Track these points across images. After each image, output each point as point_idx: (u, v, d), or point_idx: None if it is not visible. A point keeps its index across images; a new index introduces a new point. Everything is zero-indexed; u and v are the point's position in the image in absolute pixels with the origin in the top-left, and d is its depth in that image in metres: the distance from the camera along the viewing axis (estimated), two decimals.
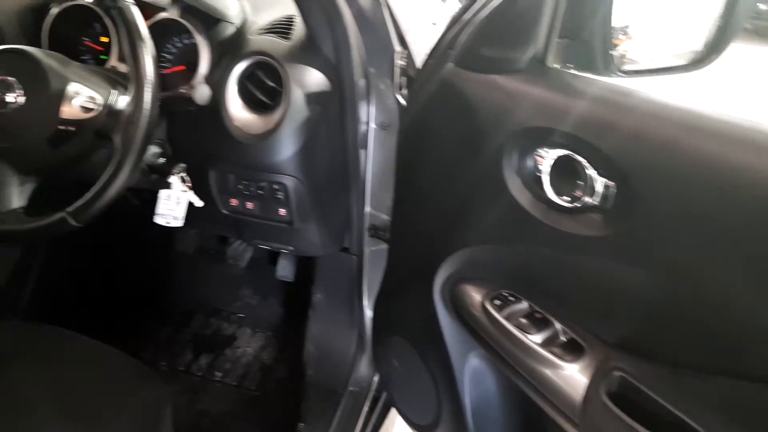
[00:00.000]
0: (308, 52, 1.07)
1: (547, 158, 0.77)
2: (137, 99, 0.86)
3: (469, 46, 0.87)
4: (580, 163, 0.74)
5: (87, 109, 0.87)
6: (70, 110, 0.86)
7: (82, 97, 0.87)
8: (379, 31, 1.07)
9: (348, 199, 1.27)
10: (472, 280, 0.94)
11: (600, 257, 0.73)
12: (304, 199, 1.14)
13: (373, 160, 1.21)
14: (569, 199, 0.76)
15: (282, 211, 1.17)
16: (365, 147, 1.19)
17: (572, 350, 0.81)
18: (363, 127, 1.17)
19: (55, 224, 0.87)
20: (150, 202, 1.17)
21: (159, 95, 0.88)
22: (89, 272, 1.72)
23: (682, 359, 0.67)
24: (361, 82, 1.11)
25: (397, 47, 1.12)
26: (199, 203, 1.12)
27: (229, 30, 1.12)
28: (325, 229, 1.25)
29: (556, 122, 0.75)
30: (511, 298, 0.90)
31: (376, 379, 1.46)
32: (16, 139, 0.87)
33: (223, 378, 1.63)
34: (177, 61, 1.15)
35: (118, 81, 0.99)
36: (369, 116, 1.16)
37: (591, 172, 0.73)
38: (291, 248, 1.31)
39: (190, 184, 1.10)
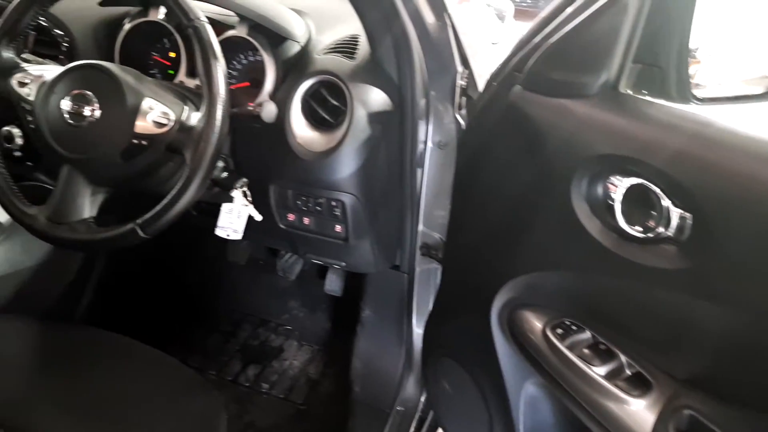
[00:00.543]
0: (372, 72, 1.08)
1: (620, 186, 0.75)
2: (209, 116, 0.87)
3: (538, 69, 0.86)
4: (654, 192, 0.72)
5: (160, 125, 0.89)
6: (144, 125, 0.89)
7: (155, 112, 0.89)
8: (442, 51, 1.07)
9: (402, 218, 1.27)
10: (532, 307, 0.92)
11: (673, 291, 0.71)
12: (361, 216, 1.14)
13: (428, 178, 1.21)
14: (642, 229, 0.74)
15: (338, 228, 1.17)
16: (421, 166, 1.19)
17: (638, 385, 0.79)
18: (420, 146, 1.17)
19: (124, 235, 0.89)
20: (207, 213, 1.19)
21: (229, 112, 0.89)
22: (144, 279, 1.76)
23: (757, 400, 0.64)
24: (421, 102, 1.11)
25: (459, 68, 1.12)
26: (258, 217, 1.13)
27: (294, 49, 1.14)
28: (379, 247, 1.25)
29: (630, 150, 0.74)
30: (574, 327, 0.88)
31: (423, 399, 1.44)
32: (91, 152, 0.90)
33: (270, 390, 1.64)
34: (242, 78, 1.17)
35: (187, 97, 1.01)
36: (427, 135, 1.16)
37: (666, 202, 0.71)
38: (343, 264, 1.31)
39: (250, 199, 1.12)
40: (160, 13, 1.15)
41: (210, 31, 0.89)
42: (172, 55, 1.23)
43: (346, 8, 1.25)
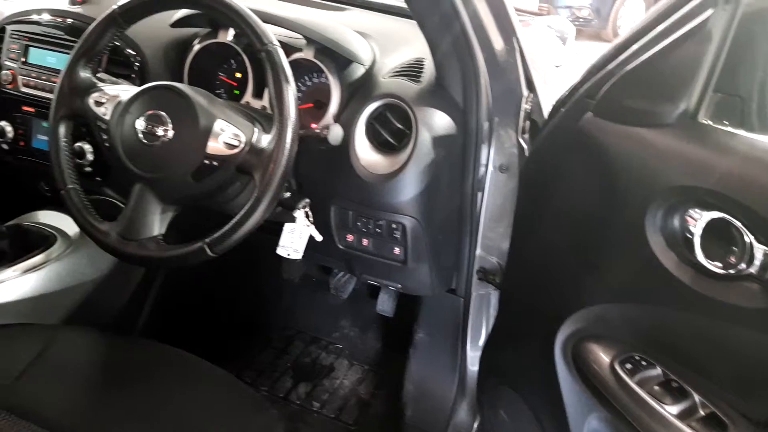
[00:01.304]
0: (437, 95, 1.07)
1: (699, 220, 0.73)
2: (279, 138, 0.89)
3: (612, 96, 0.85)
4: (736, 227, 0.69)
5: (231, 146, 0.91)
6: (215, 146, 0.91)
7: (227, 134, 0.91)
8: (509, 75, 1.07)
9: (460, 241, 1.26)
10: (599, 339, 0.90)
11: (754, 330, 0.68)
12: (421, 240, 1.14)
13: (488, 202, 1.19)
14: (722, 264, 0.71)
15: (397, 250, 1.17)
16: (482, 189, 1.18)
17: (713, 426, 0.75)
18: (481, 170, 1.16)
19: (193, 253, 0.90)
20: (267, 231, 1.20)
21: (298, 135, 0.91)
22: (200, 293, 1.79)
23: None
24: (485, 125, 1.11)
25: (525, 91, 1.11)
26: (319, 238, 1.14)
27: (359, 71, 1.15)
28: (436, 270, 1.24)
29: (711, 182, 0.71)
30: (644, 363, 0.85)
31: (476, 426, 1.42)
32: (163, 171, 0.92)
33: (321, 409, 1.64)
34: (306, 99, 1.19)
35: (255, 118, 1.03)
36: (488, 158, 1.15)
37: (749, 238, 0.68)
38: (399, 286, 1.30)
39: (312, 219, 1.13)
40: (229, 34, 1.18)
41: (282, 55, 0.91)
42: (238, 75, 1.26)
43: (410, 31, 1.26)
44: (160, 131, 0.92)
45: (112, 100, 0.97)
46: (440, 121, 1.06)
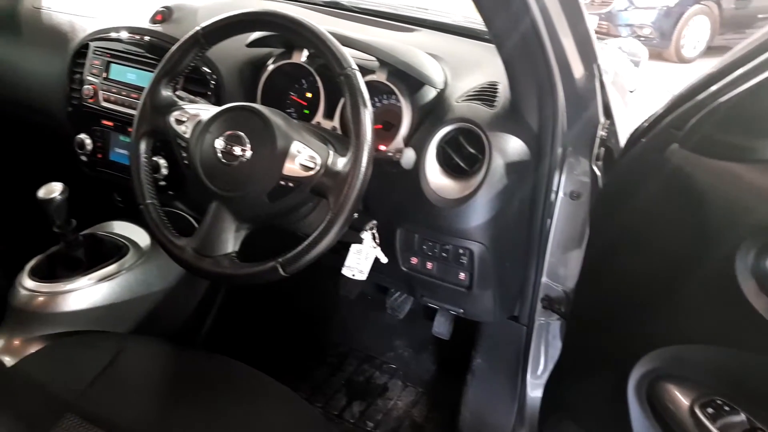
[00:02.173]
0: (511, 120, 1.06)
1: None
2: (355, 161, 0.89)
3: (702, 129, 0.81)
4: None
5: (307, 168, 0.91)
6: (292, 168, 0.91)
7: (303, 156, 0.92)
8: (587, 101, 1.04)
9: (526, 268, 1.24)
10: (678, 379, 0.86)
11: None
12: (488, 266, 1.12)
13: (556, 229, 1.17)
14: None
15: (462, 275, 1.15)
16: (551, 216, 1.16)
17: None
18: (552, 196, 1.13)
19: (266, 272, 0.91)
20: (332, 250, 1.20)
21: (373, 158, 0.91)
22: (259, 306, 1.81)
23: None
24: (558, 151, 1.08)
25: (602, 118, 1.08)
26: (384, 260, 1.14)
27: (431, 94, 1.14)
28: (500, 297, 1.21)
29: None
30: (727, 408, 0.81)
31: None
32: (240, 190, 0.94)
33: (375, 429, 1.63)
34: (375, 120, 1.19)
35: (328, 140, 1.04)
36: (559, 185, 1.12)
37: None
38: (461, 311, 1.28)
39: (378, 241, 1.12)
40: (303, 55, 1.20)
41: (361, 79, 0.91)
42: (309, 95, 1.27)
43: (482, 54, 1.26)
44: (238, 151, 0.93)
45: (193, 119, 1.00)
46: (514, 147, 1.05)
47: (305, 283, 1.87)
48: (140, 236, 1.41)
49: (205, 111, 1.00)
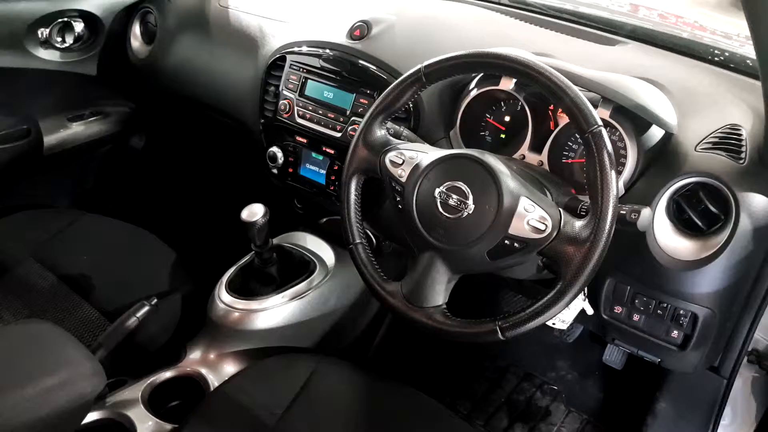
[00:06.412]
0: (763, 177, 0.93)
1: None
2: (598, 230, 0.80)
3: None
4: None
5: (537, 230, 0.84)
6: (520, 227, 0.85)
7: (533, 216, 0.85)
8: None
9: (739, 321, 1.11)
10: None
11: None
12: (712, 330, 1.01)
13: None
14: None
15: (675, 333, 1.05)
16: None
17: None
18: None
19: (484, 333, 0.87)
20: None
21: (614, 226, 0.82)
22: None
23: None
24: None
25: None
26: (590, 312, 1.06)
27: (659, 135, 1.02)
28: (707, 351, 1.10)
29: None
30: None
31: None
32: (459, 245, 0.89)
33: None
34: (581, 155, 1.10)
35: (543, 184, 0.97)
36: None
37: None
38: (659, 360, 1.18)
39: (586, 292, 1.05)
40: (512, 82, 1.12)
41: (607, 138, 0.82)
42: (506, 119, 1.20)
43: (713, 83, 1.11)
44: (459, 204, 0.88)
45: (410, 162, 0.95)
46: (764, 208, 0.92)
47: None
48: (324, 251, 1.43)
49: (423, 154, 0.95)
